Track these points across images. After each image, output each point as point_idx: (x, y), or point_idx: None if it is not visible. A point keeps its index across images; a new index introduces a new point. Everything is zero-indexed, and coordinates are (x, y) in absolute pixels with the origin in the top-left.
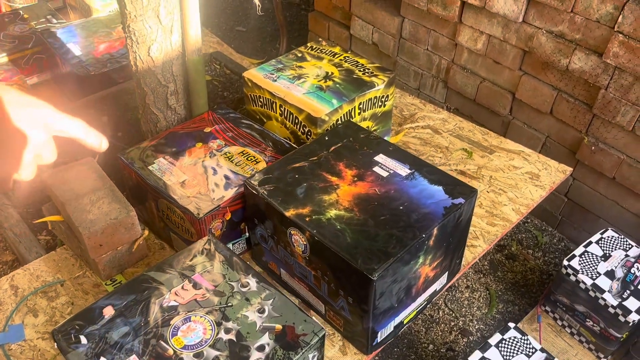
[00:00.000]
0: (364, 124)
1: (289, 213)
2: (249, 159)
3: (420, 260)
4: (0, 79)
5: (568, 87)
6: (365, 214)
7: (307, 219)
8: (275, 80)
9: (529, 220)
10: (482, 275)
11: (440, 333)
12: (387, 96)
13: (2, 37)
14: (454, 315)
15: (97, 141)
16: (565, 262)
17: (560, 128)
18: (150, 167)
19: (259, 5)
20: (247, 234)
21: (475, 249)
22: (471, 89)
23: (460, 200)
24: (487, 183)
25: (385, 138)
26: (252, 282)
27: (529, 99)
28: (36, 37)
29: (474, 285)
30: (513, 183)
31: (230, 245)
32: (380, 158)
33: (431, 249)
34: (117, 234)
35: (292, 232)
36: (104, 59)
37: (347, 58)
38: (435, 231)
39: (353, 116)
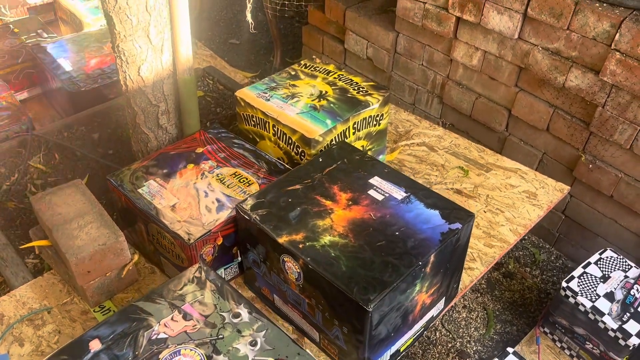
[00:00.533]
0: (358, 144)
1: (282, 239)
2: (242, 180)
3: (417, 287)
4: None
5: (565, 105)
6: (361, 240)
7: (300, 246)
8: (269, 100)
9: (526, 238)
10: (479, 295)
11: (437, 355)
12: (382, 115)
13: None
14: (451, 336)
15: None
16: (564, 284)
17: (557, 145)
18: (140, 190)
19: (252, 23)
20: (239, 259)
21: (473, 271)
22: (467, 104)
23: (457, 225)
24: (483, 202)
25: (380, 156)
26: (244, 313)
27: (525, 115)
28: (26, 52)
29: (471, 305)
30: (510, 202)
31: (222, 270)
32: (375, 181)
33: (428, 275)
34: (106, 260)
35: (285, 259)
36: (95, 74)
37: (341, 76)
38: (432, 258)
39: (347, 136)
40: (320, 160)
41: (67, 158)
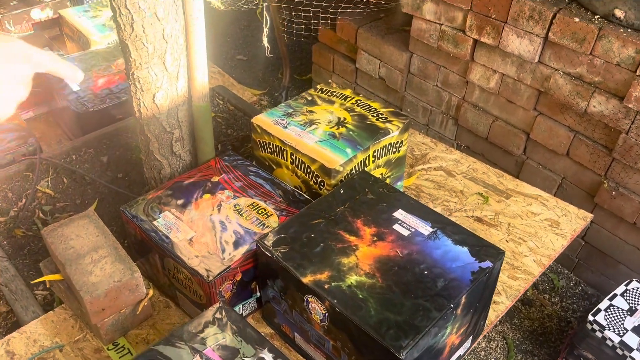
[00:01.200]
0: (377, 172)
1: (307, 279)
2: (260, 212)
3: (448, 330)
4: None
5: (587, 130)
6: (388, 279)
7: (326, 287)
8: (286, 127)
9: None
10: (498, 323)
11: None
12: (402, 142)
13: None
14: None
15: (72, 72)
16: (590, 317)
17: (578, 170)
18: (155, 222)
19: (268, 48)
20: (258, 294)
21: (498, 306)
22: (483, 127)
23: (488, 263)
24: (505, 231)
25: (399, 183)
26: (269, 358)
27: (544, 139)
28: None
29: (490, 334)
30: (533, 231)
31: (240, 307)
32: (399, 214)
33: (459, 317)
34: (121, 296)
35: (310, 299)
36: (103, 94)
37: (359, 102)
38: (463, 299)
39: (367, 164)
40: (342, 191)
41: (75, 182)
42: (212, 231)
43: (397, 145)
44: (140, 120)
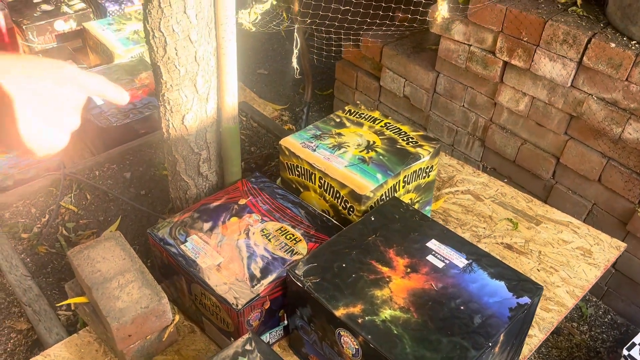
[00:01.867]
0: (407, 197)
1: (339, 312)
2: (288, 237)
3: None
4: None
5: (621, 157)
6: (423, 314)
7: (359, 321)
8: (315, 150)
9: None
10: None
11: None
12: (432, 166)
13: None
14: None
15: (120, 95)
16: (625, 352)
17: (610, 197)
18: (182, 247)
19: (297, 69)
20: (285, 322)
21: (532, 339)
22: (511, 150)
23: (526, 299)
24: (536, 259)
25: (427, 208)
26: None
27: (575, 164)
28: None
29: None
30: (564, 260)
31: (267, 335)
32: (433, 245)
33: (496, 355)
34: (148, 323)
35: (342, 333)
36: (127, 109)
37: (388, 125)
38: (501, 337)
39: (397, 190)
40: (373, 219)
41: (99, 198)
42: (240, 257)
43: (427, 170)
44: (168, 141)
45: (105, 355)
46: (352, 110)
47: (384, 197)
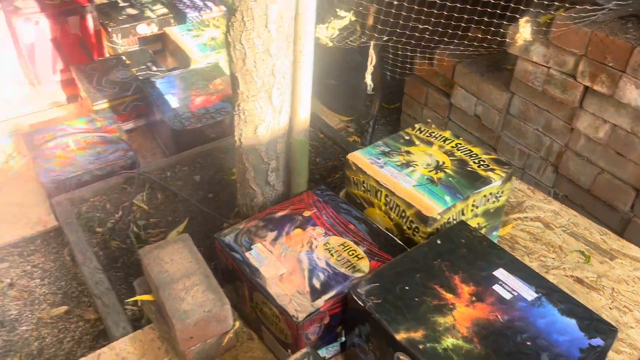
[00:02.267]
0: (474, 221)
1: (400, 336)
2: (351, 253)
3: None
4: (99, 126)
5: None
6: (487, 347)
7: (420, 347)
8: (382, 167)
9: None
10: None
11: None
12: (502, 192)
13: (105, 82)
14: None
15: None
16: None
17: None
18: (247, 254)
19: (371, 86)
20: (343, 338)
21: None
22: (586, 178)
23: (599, 341)
24: (608, 297)
25: (494, 233)
26: None
27: None
28: (136, 85)
29: None
30: None
31: (324, 350)
32: (500, 274)
33: None
34: (210, 326)
35: (401, 357)
36: (199, 113)
37: (459, 145)
38: None
39: (465, 214)
40: (439, 242)
41: (168, 199)
42: (302, 269)
43: (498, 195)
44: (239, 150)
45: (166, 354)
46: (422, 129)
47: (451, 220)
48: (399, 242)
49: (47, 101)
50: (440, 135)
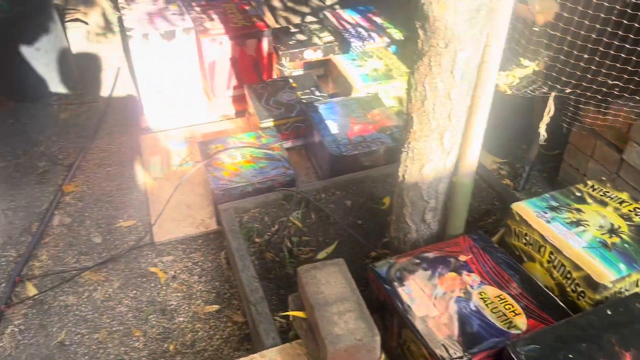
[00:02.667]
0: None
1: None
2: (507, 307)
3: None
4: (264, 142)
5: None
6: None
7: None
8: (549, 222)
9: None
10: None
11: None
12: None
13: (272, 102)
14: None
15: None
16: None
17: None
18: (400, 289)
19: (544, 136)
20: None
21: None
22: None
23: None
24: None
25: None
26: None
27: None
28: (300, 108)
29: None
30: None
31: None
32: None
33: None
34: (358, 355)
35: None
36: (356, 141)
37: (637, 210)
38: None
39: (639, 285)
40: (609, 313)
41: (321, 220)
42: (456, 315)
43: None
44: (401, 185)
45: None
46: (596, 187)
47: (622, 290)
48: (561, 303)
49: (219, 113)
50: (617, 196)
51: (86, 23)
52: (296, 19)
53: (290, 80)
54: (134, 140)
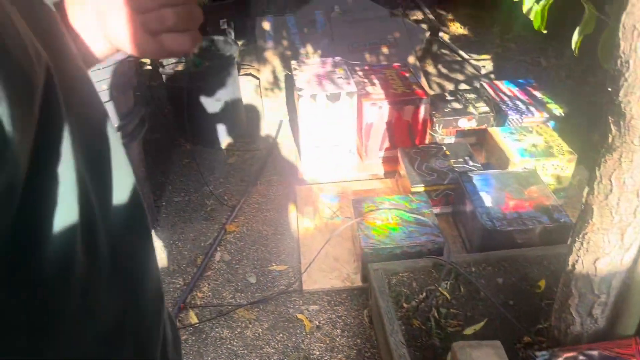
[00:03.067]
0: None
1: None
2: None
3: None
4: (415, 207)
5: None
6: None
7: None
8: None
9: None
10: None
11: None
12: None
13: (425, 168)
14: None
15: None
16: None
17: None
18: None
19: None
20: None
21: None
22: None
23: None
24: None
25: None
26: None
27: None
28: (453, 176)
29: None
30: None
31: None
32: None
33: None
34: None
35: None
36: (511, 217)
37: None
38: None
39: None
40: None
41: (470, 294)
42: None
43: None
44: (570, 274)
45: None
46: None
47: None
48: None
49: (369, 172)
50: None
51: (257, 78)
52: (450, 86)
53: (444, 148)
54: (290, 189)
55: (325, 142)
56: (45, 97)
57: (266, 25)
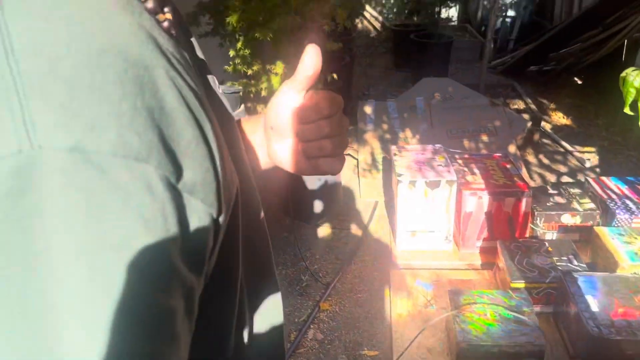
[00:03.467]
0: None
1: None
2: None
3: None
4: (514, 304)
5: None
6: None
7: None
8: None
9: None
10: None
11: None
12: None
13: (525, 263)
14: None
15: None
16: None
17: None
18: None
19: None
20: None
21: None
22: None
23: None
24: None
25: None
26: None
27: None
28: (555, 274)
29: None
30: None
31: None
32: None
33: None
34: None
35: None
36: (620, 324)
37: None
38: None
39: None
40: None
41: None
42: None
43: None
44: None
45: None
46: None
47: None
48: None
49: (465, 262)
50: None
51: (356, 158)
52: (551, 177)
53: (546, 244)
54: (384, 272)
55: (421, 227)
56: (232, 212)
57: (368, 109)
